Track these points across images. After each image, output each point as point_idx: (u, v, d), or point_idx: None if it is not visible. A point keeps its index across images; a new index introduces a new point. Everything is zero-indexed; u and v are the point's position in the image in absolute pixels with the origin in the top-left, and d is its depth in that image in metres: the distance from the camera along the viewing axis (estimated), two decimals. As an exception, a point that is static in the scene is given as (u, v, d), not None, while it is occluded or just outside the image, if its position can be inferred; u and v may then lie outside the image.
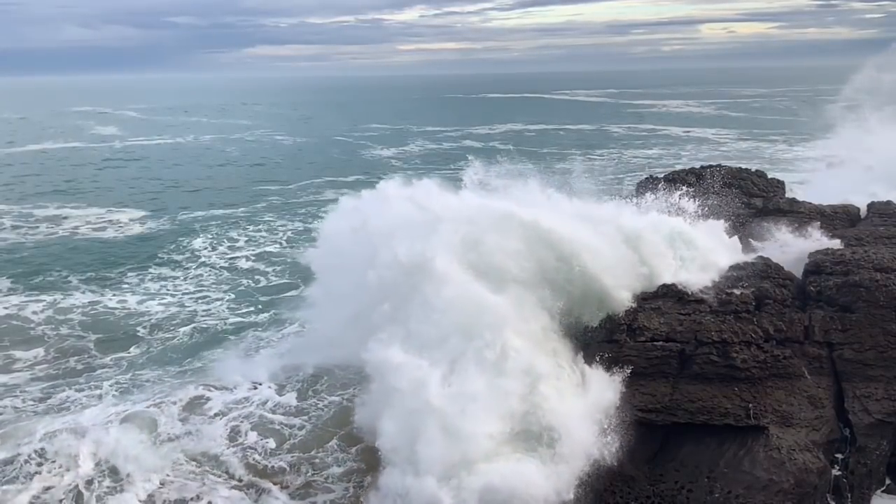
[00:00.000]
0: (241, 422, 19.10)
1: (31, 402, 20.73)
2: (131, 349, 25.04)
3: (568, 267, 18.93)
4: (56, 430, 17.70)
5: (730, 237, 21.82)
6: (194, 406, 19.79)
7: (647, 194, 23.64)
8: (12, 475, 16.19)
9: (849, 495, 16.45)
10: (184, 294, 31.35)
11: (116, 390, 21.54)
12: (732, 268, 19.65)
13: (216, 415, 19.36)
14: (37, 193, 56.78)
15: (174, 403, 19.75)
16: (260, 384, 20.98)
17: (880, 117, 45.20)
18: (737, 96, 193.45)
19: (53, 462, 16.60)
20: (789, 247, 21.76)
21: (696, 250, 20.41)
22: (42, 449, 16.94)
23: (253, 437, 18.45)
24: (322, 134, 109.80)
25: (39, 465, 16.53)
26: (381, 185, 24.92)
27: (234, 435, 18.54)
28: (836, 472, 16.64)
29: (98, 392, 21.39)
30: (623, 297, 18.92)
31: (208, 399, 20.17)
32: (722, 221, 22.06)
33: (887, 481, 17.05)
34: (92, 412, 19.17)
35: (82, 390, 21.52)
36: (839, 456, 17.01)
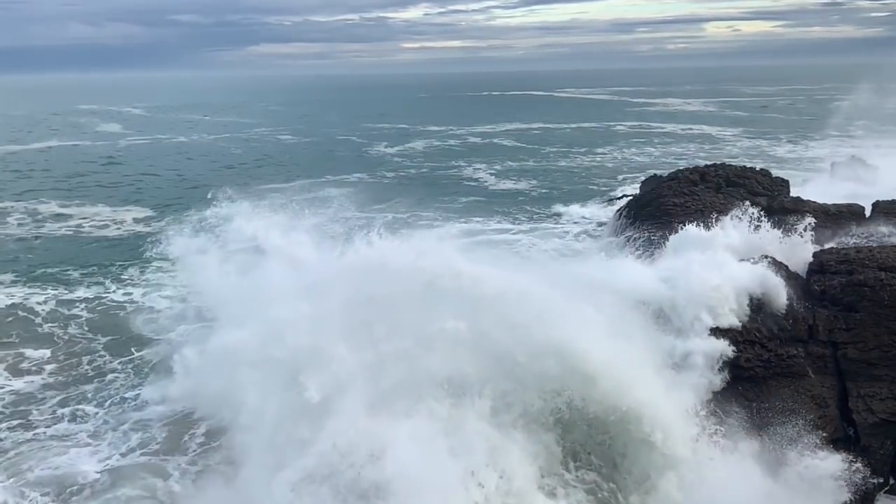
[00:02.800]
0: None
1: (32, 427, 19.37)
2: (136, 351, 24.76)
3: (559, 374, 11.79)
4: (39, 477, 15.87)
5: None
6: (205, 455, 16.40)
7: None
8: None
9: (852, 495, 16.37)
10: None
11: (119, 415, 19.69)
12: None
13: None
14: (41, 190, 56.81)
15: (178, 458, 16.36)
16: None
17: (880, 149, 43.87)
18: (741, 95, 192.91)
19: None
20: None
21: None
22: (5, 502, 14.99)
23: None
24: (325, 132, 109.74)
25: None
26: (223, 208, 17.31)
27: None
28: (839, 471, 16.55)
29: (99, 424, 19.43)
30: (671, 429, 12.10)
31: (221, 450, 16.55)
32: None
33: (891, 481, 16.98)
34: (86, 456, 17.18)
35: (84, 418, 19.88)
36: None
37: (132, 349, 24.90)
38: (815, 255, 19.65)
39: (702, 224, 20.76)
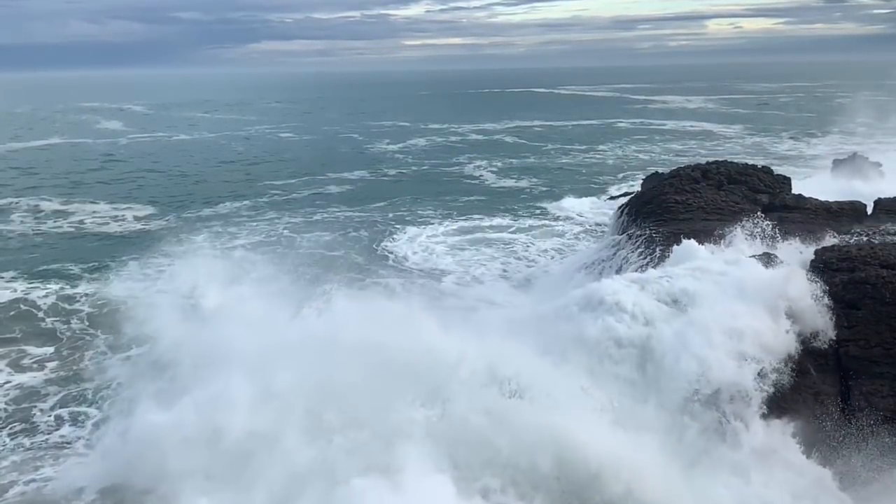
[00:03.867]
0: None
1: (31, 432, 19.18)
2: (137, 348, 24.71)
3: (553, 472, 9.76)
4: (26, 492, 15.42)
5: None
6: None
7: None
8: None
9: (854, 493, 16.31)
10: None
11: (118, 419, 18.54)
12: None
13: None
14: (43, 188, 56.89)
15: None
16: None
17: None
18: (742, 92, 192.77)
19: None
20: None
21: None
22: None
23: None
24: (326, 130, 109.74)
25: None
26: (172, 246, 15.94)
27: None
28: (841, 469, 16.48)
29: (98, 428, 19.09)
30: None
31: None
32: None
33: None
34: (83, 466, 16.50)
35: (84, 421, 19.80)
36: (845, 453, 16.86)
37: (133, 346, 24.89)
38: (816, 252, 19.60)
39: (709, 238, 20.71)
